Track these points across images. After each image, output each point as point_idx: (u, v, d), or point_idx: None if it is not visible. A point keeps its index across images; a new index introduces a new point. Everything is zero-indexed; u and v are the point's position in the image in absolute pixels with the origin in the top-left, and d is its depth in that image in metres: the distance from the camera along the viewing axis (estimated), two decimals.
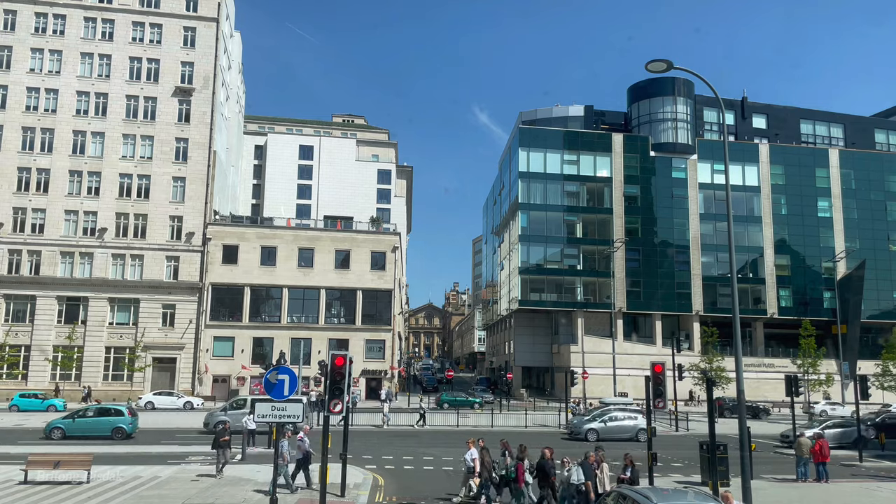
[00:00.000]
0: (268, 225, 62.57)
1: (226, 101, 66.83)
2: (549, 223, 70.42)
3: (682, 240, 70.75)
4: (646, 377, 19.79)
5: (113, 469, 21.77)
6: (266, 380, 15.12)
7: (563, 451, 20.82)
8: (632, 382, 60.88)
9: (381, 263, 60.32)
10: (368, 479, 21.35)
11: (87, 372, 53.92)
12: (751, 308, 69.97)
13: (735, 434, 17.80)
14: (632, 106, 76.31)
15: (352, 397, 40.41)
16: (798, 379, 33.93)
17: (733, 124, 77.84)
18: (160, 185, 57.80)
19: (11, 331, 53.59)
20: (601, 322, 67.31)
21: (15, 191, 55.70)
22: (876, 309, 71.44)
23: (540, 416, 43.83)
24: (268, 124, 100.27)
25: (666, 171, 71.85)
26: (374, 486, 20.43)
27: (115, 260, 56.17)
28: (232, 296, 57.74)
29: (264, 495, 17.81)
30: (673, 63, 15.39)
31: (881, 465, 27.39)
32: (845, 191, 73.94)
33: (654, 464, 18.83)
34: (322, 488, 14.80)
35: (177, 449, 28.01)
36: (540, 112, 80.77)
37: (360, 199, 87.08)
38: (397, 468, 24.14)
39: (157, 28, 60.16)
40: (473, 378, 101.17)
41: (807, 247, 72.36)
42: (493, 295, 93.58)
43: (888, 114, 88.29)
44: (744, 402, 15.71)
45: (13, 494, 18.15)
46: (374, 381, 59.49)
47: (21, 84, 57.27)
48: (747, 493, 14.74)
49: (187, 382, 55.23)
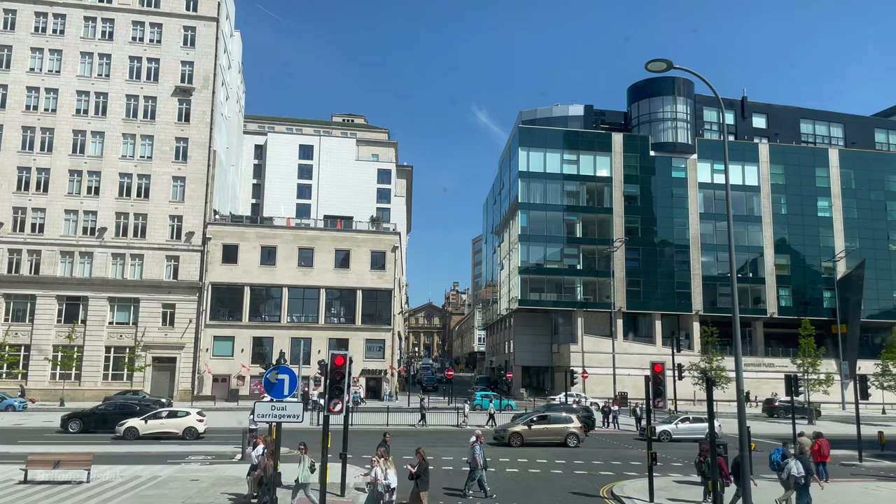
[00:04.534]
0: (268, 224, 62.56)
1: (226, 100, 66.82)
2: (548, 223, 70.41)
3: (682, 239, 70.74)
4: (645, 377, 19.81)
5: (113, 469, 21.76)
6: (266, 379, 15.14)
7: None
8: (632, 382, 60.89)
9: (381, 263, 60.32)
10: None
11: (86, 372, 53.93)
12: (751, 308, 69.95)
13: (735, 434, 17.79)
14: (632, 106, 76.29)
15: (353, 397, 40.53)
16: (798, 378, 33.94)
17: (733, 124, 77.82)
18: (160, 185, 57.78)
19: (11, 330, 53.58)
20: (601, 322, 67.30)
21: (15, 190, 55.68)
22: (876, 309, 71.44)
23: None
24: (268, 124, 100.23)
25: (666, 171, 71.84)
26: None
27: (114, 259, 56.16)
28: (232, 295, 57.73)
29: None
30: (673, 63, 15.38)
31: (881, 464, 27.40)
32: (845, 190, 73.92)
33: (654, 463, 18.83)
34: (322, 488, 14.80)
35: (177, 449, 28.02)
36: (540, 112, 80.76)
37: (360, 199, 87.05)
38: (397, 468, 24.05)
39: (156, 27, 60.14)
40: (473, 378, 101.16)
41: (807, 246, 72.34)
42: (492, 295, 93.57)
43: (888, 114, 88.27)
44: (743, 402, 15.70)
45: (13, 494, 18.14)
46: (373, 381, 59.53)
47: (21, 83, 57.25)
48: (747, 492, 14.76)
49: (187, 382, 55.23)
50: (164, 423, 31.41)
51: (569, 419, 32.14)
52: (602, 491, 20.37)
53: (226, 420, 38.64)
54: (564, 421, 31.89)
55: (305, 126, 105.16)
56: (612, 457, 28.26)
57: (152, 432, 30.88)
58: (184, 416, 32.00)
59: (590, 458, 27.47)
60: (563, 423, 31.69)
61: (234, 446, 27.11)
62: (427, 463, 16.01)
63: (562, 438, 30.73)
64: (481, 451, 18.78)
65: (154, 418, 31.67)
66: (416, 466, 15.59)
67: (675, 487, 20.78)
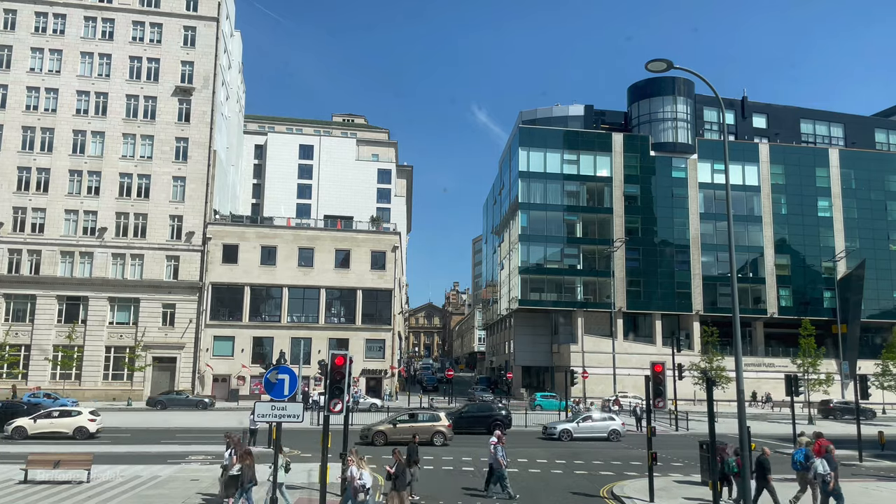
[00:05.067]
0: (268, 224, 62.57)
1: (226, 100, 66.83)
2: (548, 223, 70.41)
3: (682, 239, 70.74)
4: (645, 377, 19.81)
5: (113, 469, 21.76)
6: (266, 379, 15.12)
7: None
8: (632, 382, 60.89)
9: (381, 263, 60.33)
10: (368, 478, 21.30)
11: (86, 371, 53.93)
12: (751, 308, 69.95)
13: (735, 434, 17.80)
14: (632, 105, 76.28)
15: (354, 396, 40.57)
16: (798, 378, 33.97)
17: (733, 124, 77.81)
18: (160, 185, 57.79)
19: (11, 330, 53.57)
20: (601, 322, 67.30)
21: (15, 190, 55.68)
22: (876, 308, 71.44)
23: (540, 416, 43.88)
24: (268, 124, 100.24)
25: (666, 171, 71.84)
26: (375, 485, 20.38)
27: (115, 259, 56.16)
28: (232, 295, 57.74)
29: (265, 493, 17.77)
30: (673, 63, 15.38)
31: (881, 464, 27.40)
32: (845, 190, 73.92)
33: (655, 463, 18.84)
34: (322, 488, 14.80)
35: (177, 448, 28.01)
36: (540, 111, 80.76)
37: (360, 199, 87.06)
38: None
39: (157, 27, 60.15)
40: (473, 378, 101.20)
41: (807, 246, 72.34)
42: (493, 294, 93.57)
43: (888, 113, 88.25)
44: (743, 402, 15.70)
45: (13, 494, 18.15)
46: (373, 381, 59.53)
47: (21, 83, 57.24)
48: (747, 492, 14.76)
49: (187, 382, 55.23)
50: (53, 422, 31.07)
51: (437, 417, 31.93)
52: (602, 491, 20.38)
53: (226, 420, 38.61)
54: (432, 419, 31.75)
55: (305, 126, 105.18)
56: (612, 457, 28.28)
57: (41, 432, 30.46)
58: (76, 415, 31.62)
59: (590, 458, 27.50)
60: (431, 421, 31.52)
61: None
62: (404, 464, 16.13)
63: (429, 437, 30.15)
64: (503, 452, 18.89)
65: (44, 417, 31.38)
66: (395, 466, 15.67)
67: (675, 487, 20.79)
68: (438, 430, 30.85)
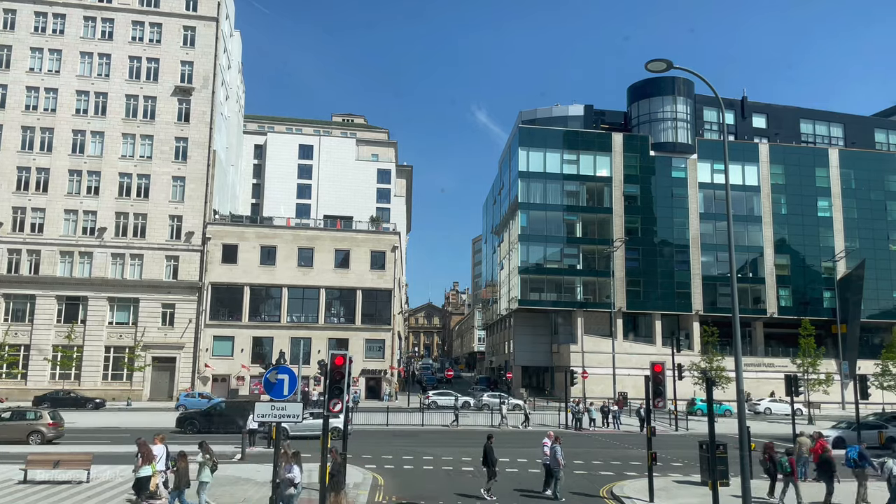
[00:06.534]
0: (267, 224, 62.55)
1: (225, 100, 66.81)
2: (548, 223, 70.40)
3: (682, 239, 70.74)
4: (645, 377, 19.80)
5: (113, 468, 21.70)
6: (266, 379, 15.10)
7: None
8: (631, 382, 60.84)
9: (381, 263, 60.32)
10: (368, 478, 21.31)
11: (86, 372, 53.93)
12: (750, 308, 69.95)
13: (735, 434, 17.78)
14: (631, 105, 76.28)
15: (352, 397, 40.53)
16: (798, 378, 33.94)
17: (733, 124, 77.81)
18: (160, 185, 57.77)
19: (11, 330, 53.56)
20: (601, 322, 67.27)
21: (14, 190, 55.67)
22: (876, 309, 71.44)
23: (540, 416, 43.84)
24: (267, 124, 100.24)
25: (666, 171, 71.84)
26: (374, 485, 20.39)
27: (114, 259, 56.14)
28: (231, 295, 57.72)
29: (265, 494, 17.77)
30: (673, 63, 15.37)
31: None
32: (845, 190, 73.93)
33: (654, 463, 18.82)
34: (322, 488, 14.79)
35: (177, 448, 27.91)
36: (540, 111, 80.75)
37: (360, 199, 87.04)
38: (397, 468, 24.10)
39: (156, 27, 60.14)
40: (473, 377, 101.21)
41: (807, 246, 72.35)
42: (492, 294, 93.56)
43: (888, 114, 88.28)
44: (743, 402, 15.69)
45: (13, 494, 18.13)
46: (373, 381, 59.51)
47: (21, 83, 57.24)
48: (747, 492, 14.74)
49: (187, 382, 55.22)
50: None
51: (39, 415, 30.44)
52: (602, 491, 20.36)
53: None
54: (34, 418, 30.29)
55: (305, 126, 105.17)
56: (612, 457, 28.25)
57: None
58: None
59: (589, 458, 27.47)
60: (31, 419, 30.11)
61: (234, 446, 27.07)
62: (340, 464, 16.33)
63: (24, 436, 29.07)
64: (561, 452, 18.97)
65: None
66: (330, 466, 15.81)
67: (675, 487, 20.77)
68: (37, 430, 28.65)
